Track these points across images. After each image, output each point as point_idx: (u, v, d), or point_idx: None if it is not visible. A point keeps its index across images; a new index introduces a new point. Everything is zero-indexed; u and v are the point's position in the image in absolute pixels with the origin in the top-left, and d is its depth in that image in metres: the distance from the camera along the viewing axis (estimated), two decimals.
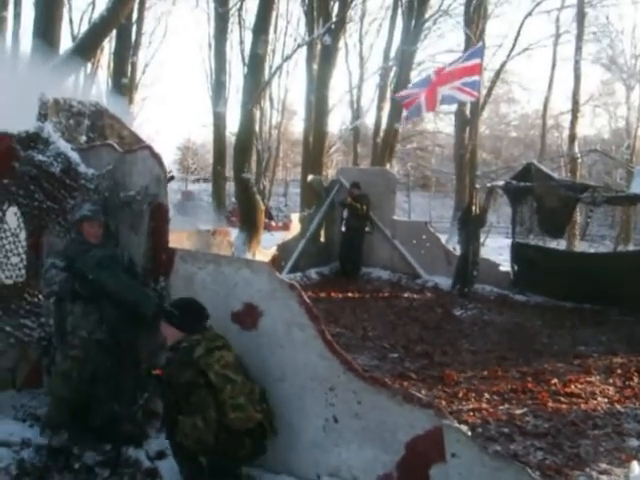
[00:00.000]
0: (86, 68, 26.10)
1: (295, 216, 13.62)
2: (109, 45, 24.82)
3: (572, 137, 24.85)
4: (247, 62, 20.39)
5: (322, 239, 13.46)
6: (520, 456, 4.74)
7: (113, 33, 17.72)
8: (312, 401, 4.06)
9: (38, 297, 5.21)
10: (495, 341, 8.51)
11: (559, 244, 14.76)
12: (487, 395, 6.15)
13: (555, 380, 6.65)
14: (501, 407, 5.86)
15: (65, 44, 14.09)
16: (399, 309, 10.36)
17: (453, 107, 27.49)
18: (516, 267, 11.93)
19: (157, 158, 4.87)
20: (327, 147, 26.87)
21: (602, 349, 8.15)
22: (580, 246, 20.12)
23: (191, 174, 50.52)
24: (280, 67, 29.39)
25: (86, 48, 12.47)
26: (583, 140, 34.51)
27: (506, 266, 12.33)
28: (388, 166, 23.65)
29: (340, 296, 11.03)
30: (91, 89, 26.86)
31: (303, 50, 25.19)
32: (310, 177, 15.06)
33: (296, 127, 48.29)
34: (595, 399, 6.17)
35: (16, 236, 5.18)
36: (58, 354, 4.83)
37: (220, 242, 10.28)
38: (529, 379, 6.70)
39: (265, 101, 35.71)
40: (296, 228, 12.83)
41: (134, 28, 25.51)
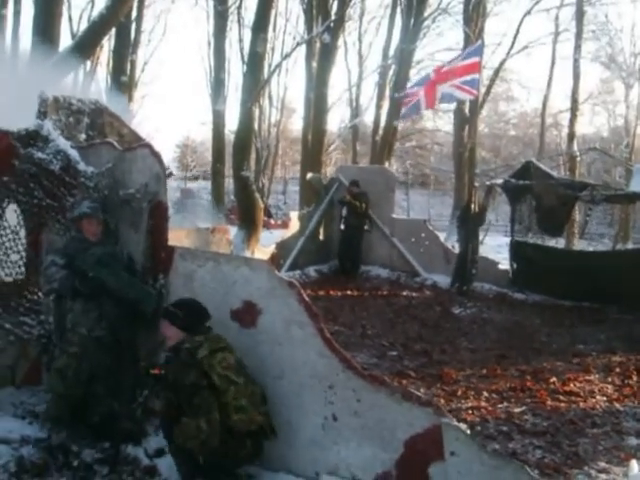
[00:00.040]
0: (85, 66, 26.10)
1: (294, 214, 13.64)
2: (108, 43, 24.76)
3: (571, 135, 24.85)
4: (246, 60, 20.40)
5: (321, 237, 13.47)
6: (519, 454, 4.75)
7: (112, 31, 17.66)
8: (311, 399, 4.07)
9: (38, 294, 5.21)
10: (494, 339, 8.52)
11: (558, 242, 14.77)
12: (486, 393, 6.15)
13: (554, 378, 6.65)
14: (500, 405, 5.86)
15: (64, 42, 14.04)
16: (398, 307, 10.37)
17: (452, 105, 27.48)
18: (515, 265, 11.95)
19: (157, 156, 4.88)
20: (326, 145, 26.85)
21: (601, 347, 8.16)
22: (579, 244, 20.12)
23: (189, 172, 50.43)
24: (279, 65, 29.38)
25: (85, 46, 12.46)
26: (582, 138, 34.61)
27: (505, 264, 12.35)
28: (387, 164, 23.64)
29: (339, 294, 11.03)
30: (90, 87, 26.85)
31: (302, 48, 25.22)
32: (309, 175, 15.07)
33: (295, 125, 48.27)
34: (594, 397, 6.17)
35: (16, 233, 5.18)
36: (57, 351, 4.84)
37: (219, 240, 10.31)
38: (528, 377, 6.70)
39: (264, 99, 35.67)
40: (295, 226, 12.84)
41: (133, 26, 25.47)
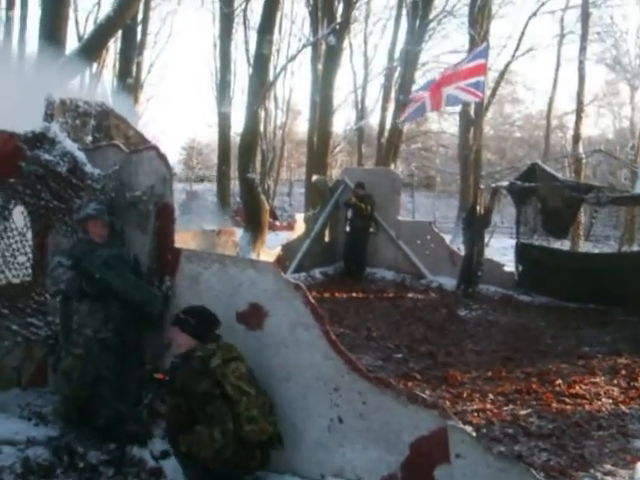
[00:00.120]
0: (91, 68, 26.17)
1: (300, 216, 13.64)
2: (114, 45, 24.93)
3: (576, 137, 24.79)
4: (252, 62, 20.41)
5: (326, 239, 13.48)
6: (524, 457, 4.73)
7: (119, 33, 17.72)
8: (316, 401, 4.07)
9: (45, 296, 5.23)
10: (499, 341, 8.51)
11: (563, 244, 14.75)
12: (491, 396, 6.14)
13: (559, 381, 6.63)
14: (505, 408, 5.85)
15: (71, 44, 14.14)
16: (403, 309, 10.36)
17: (457, 107, 27.41)
18: (520, 267, 11.92)
19: (163, 158, 4.89)
20: (331, 147, 26.87)
21: (606, 350, 8.13)
22: (584, 246, 20.05)
23: (193, 173, 50.50)
24: (285, 67, 29.41)
25: (92, 48, 12.52)
26: (587, 140, 34.51)
27: (510, 266, 12.33)
28: (392, 166, 23.64)
29: (344, 296, 11.03)
30: (96, 89, 26.91)
31: (308, 50, 25.30)
32: (315, 177, 15.10)
33: (300, 127, 48.38)
34: (600, 400, 6.15)
35: (23, 235, 5.20)
36: (63, 352, 4.86)
37: (225, 242, 10.31)
38: (533, 380, 6.69)
39: (270, 101, 35.71)
40: (300, 228, 12.85)
41: (139, 28, 25.54)
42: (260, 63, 15.36)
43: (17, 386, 5.31)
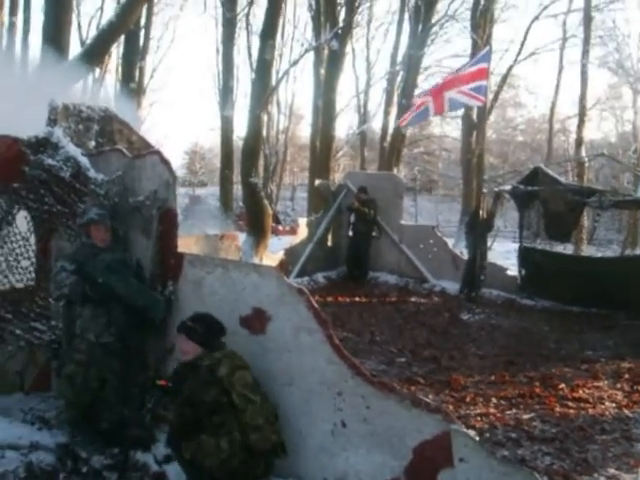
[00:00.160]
0: (94, 73, 26.22)
1: (302, 220, 13.65)
2: (117, 50, 24.96)
3: (579, 141, 24.83)
4: (255, 67, 20.50)
5: (329, 243, 13.47)
6: (528, 461, 4.73)
7: (121, 38, 17.79)
8: (320, 405, 4.06)
9: (48, 300, 5.23)
10: (502, 345, 8.49)
11: (566, 248, 14.74)
12: (495, 400, 6.13)
13: (563, 385, 6.62)
14: (509, 412, 5.84)
15: (74, 49, 14.18)
16: (406, 313, 10.35)
17: (460, 111, 27.47)
18: (523, 271, 11.92)
19: (166, 163, 4.90)
20: (334, 151, 26.87)
21: (609, 354, 8.12)
22: (587, 250, 20.08)
23: (196, 178, 50.59)
24: (287, 72, 29.55)
25: (95, 53, 12.57)
26: (590, 144, 34.48)
27: (513, 270, 12.32)
28: (395, 170, 23.70)
29: (347, 300, 11.02)
30: (99, 94, 26.99)
31: (310, 55, 25.30)
32: (317, 181, 15.10)
33: (303, 132, 48.46)
34: (603, 404, 6.14)
35: (26, 240, 5.22)
36: (66, 357, 4.86)
37: (228, 246, 10.32)
38: (536, 384, 6.68)
39: (272, 106, 35.83)
40: (303, 232, 12.84)
41: (142, 33, 25.68)
42: (263, 68, 15.40)
43: (20, 390, 5.32)
